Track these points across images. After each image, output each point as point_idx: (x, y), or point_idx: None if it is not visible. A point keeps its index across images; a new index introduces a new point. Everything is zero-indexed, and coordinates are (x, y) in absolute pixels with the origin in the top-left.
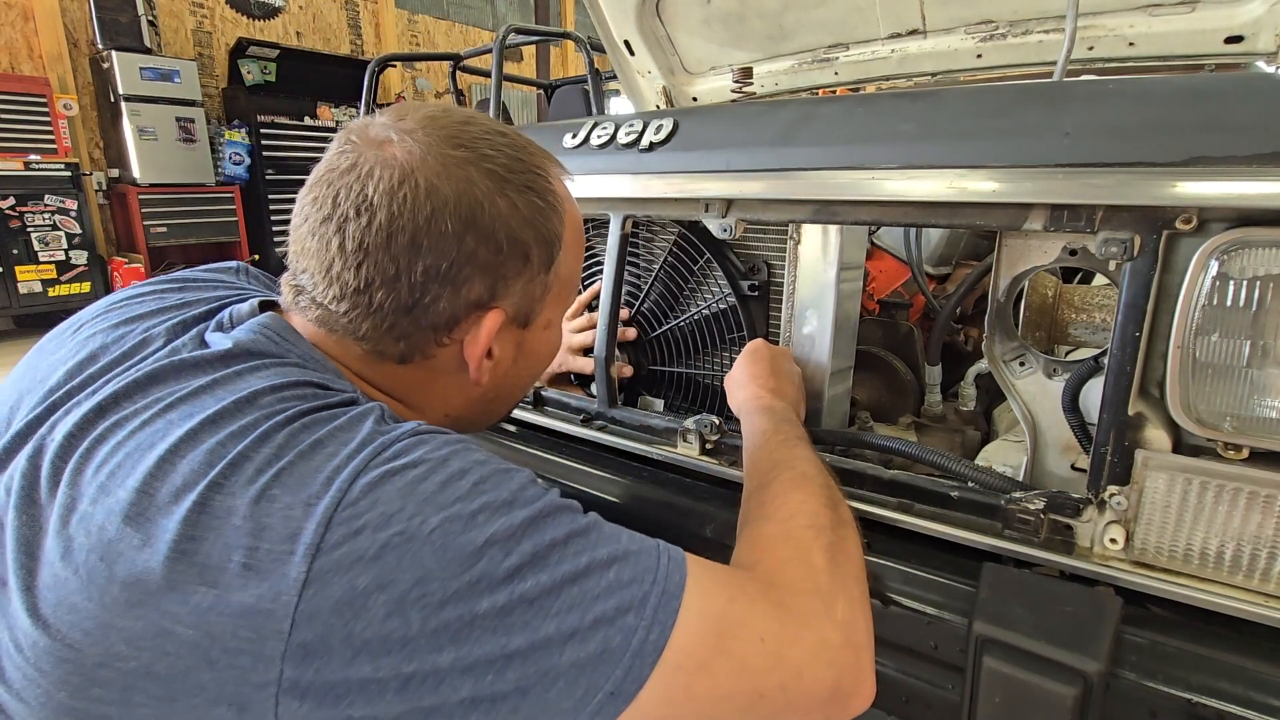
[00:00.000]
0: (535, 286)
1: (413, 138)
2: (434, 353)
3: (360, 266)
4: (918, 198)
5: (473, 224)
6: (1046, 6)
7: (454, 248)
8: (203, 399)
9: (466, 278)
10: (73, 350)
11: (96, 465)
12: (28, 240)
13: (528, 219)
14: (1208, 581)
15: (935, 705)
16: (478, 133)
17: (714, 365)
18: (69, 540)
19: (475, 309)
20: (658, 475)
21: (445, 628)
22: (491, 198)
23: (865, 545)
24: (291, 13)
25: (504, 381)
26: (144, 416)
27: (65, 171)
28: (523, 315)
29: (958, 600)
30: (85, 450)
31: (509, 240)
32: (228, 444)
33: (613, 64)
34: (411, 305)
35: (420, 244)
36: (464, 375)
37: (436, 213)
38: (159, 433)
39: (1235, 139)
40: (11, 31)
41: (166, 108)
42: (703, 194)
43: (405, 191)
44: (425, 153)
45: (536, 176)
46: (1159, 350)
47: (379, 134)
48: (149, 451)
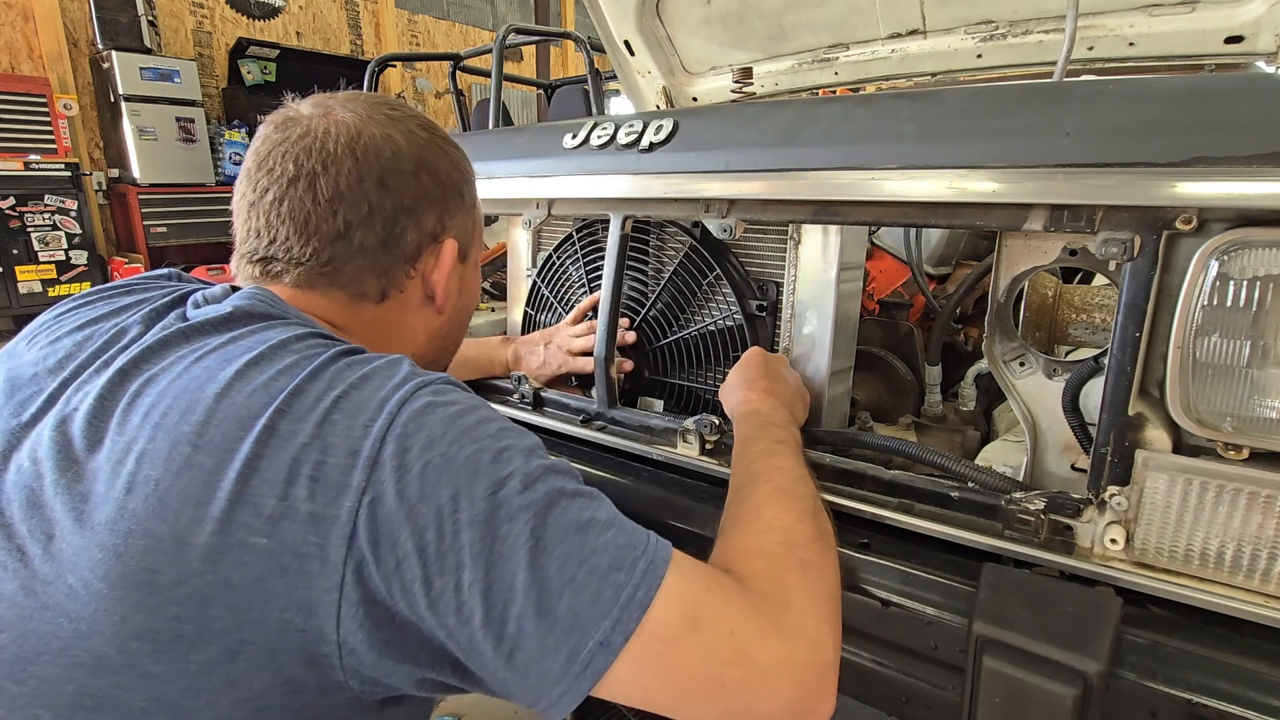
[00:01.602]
0: (469, 221)
1: (348, 107)
2: (405, 285)
3: (337, 213)
4: (918, 198)
5: (423, 163)
6: (1046, 6)
7: (412, 183)
8: (232, 349)
9: (424, 210)
10: (43, 354)
11: (145, 411)
12: (28, 240)
13: (457, 164)
14: (1208, 582)
15: (935, 705)
16: (397, 102)
17: (715, 380)
18: (131, 477)
19: (432, 239)
20: (657, 475)
21: (470, 545)
22: (434, 147)
23: (864, 545)
24: (291, 13)
25: (453, 318)
26: (180, 368)
27: (65, 171)
28: (465, 249)
29: (958, 600)
30: (126, 404)
31: (449, 179)
32: (279, 379)
33: (613, 64)
34: (386, 239)
35: (387, 183)
36: (427, 308)
37: (395, 155)
38: (204, 375)
39: (1235, 139)
40: (11, 31)
41: (166, 108)
42: (703, 194)
43: (365, 141)
44: (368, 114)
45: (449, 137)
46: (1159, 350)
47: (315, 109)
48: (201, 390)
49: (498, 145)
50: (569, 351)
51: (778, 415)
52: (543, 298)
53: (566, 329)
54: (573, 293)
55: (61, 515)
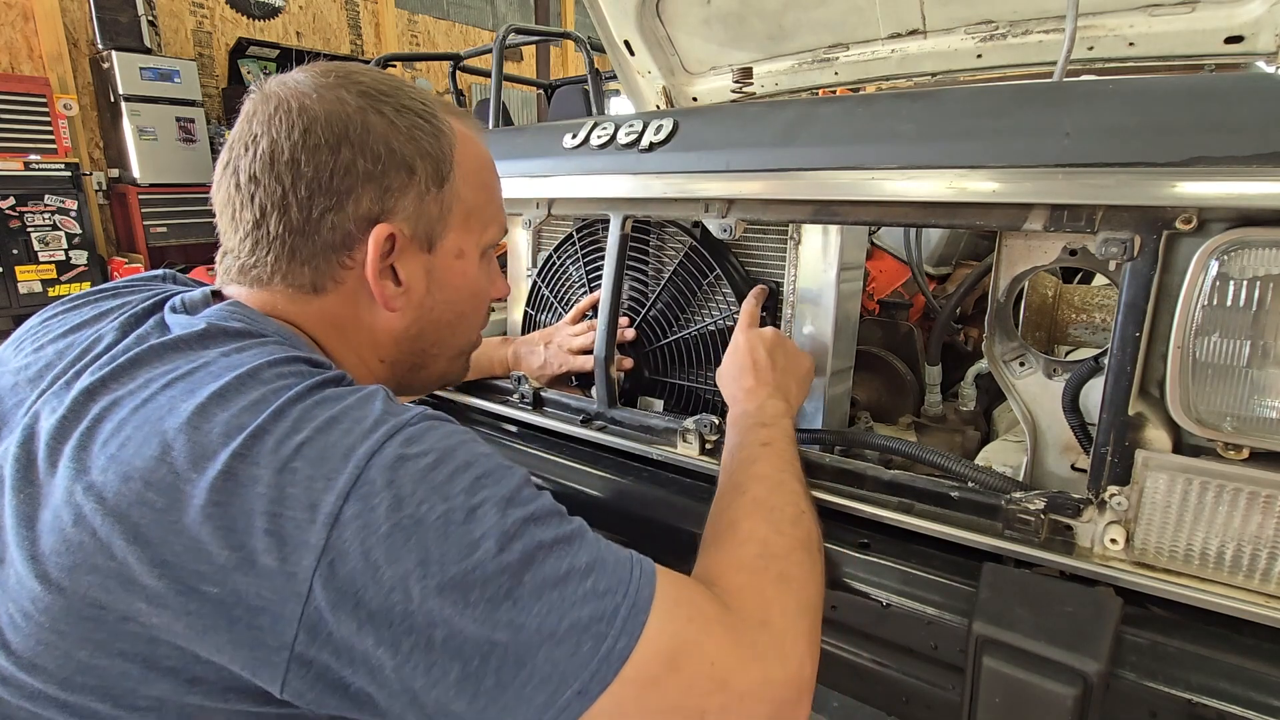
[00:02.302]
0: (430, 204)
1: (293, 77)
2: (342, 277)
3: (253, 198)
4: (918, 198)
5: (345, 136)
6: (1046, 6)
7: (330, 159)
8: (200, 375)
9: (349, 189)
10: (25, 363)
11: (103, 440)
12: (28, 240)
13: (406, 134)
14: (1208, 582)
15: (935, 705)
16: (358, 69)
17: (714, 380)
18: (78, 509)
19: (368, 225)
20: (657, 475)
21: (440, 610)
22: (364, 113)
23: (864, 545)
24: (291, 13)
25: (425, 317)
26: (144, 395)
27: (65, 171)
28: (423, 235)
29: (958, 600)
30: (86, 429)
31: (387, 152)
32: (243, 417)
33: (613, 64)
34: (304, 224)
35: (298, 160)
36: (378, 306)
37: (309, 129)
38: (165, 407)
39: (1235, 139)
40: (11, 31)
41: (166, 108)
42: (703, 194)
43: (280, 115)
44: (300, 84)
45: (415, 102)
46: (1159, 350)
47: (270, 83)
48: (160, 423)
49: (498, 145)
50: (569, 350)
51: (767, 410)
52: (543, 298)
53: (566, 328)
54: (573, 293)
55: (13, 537)
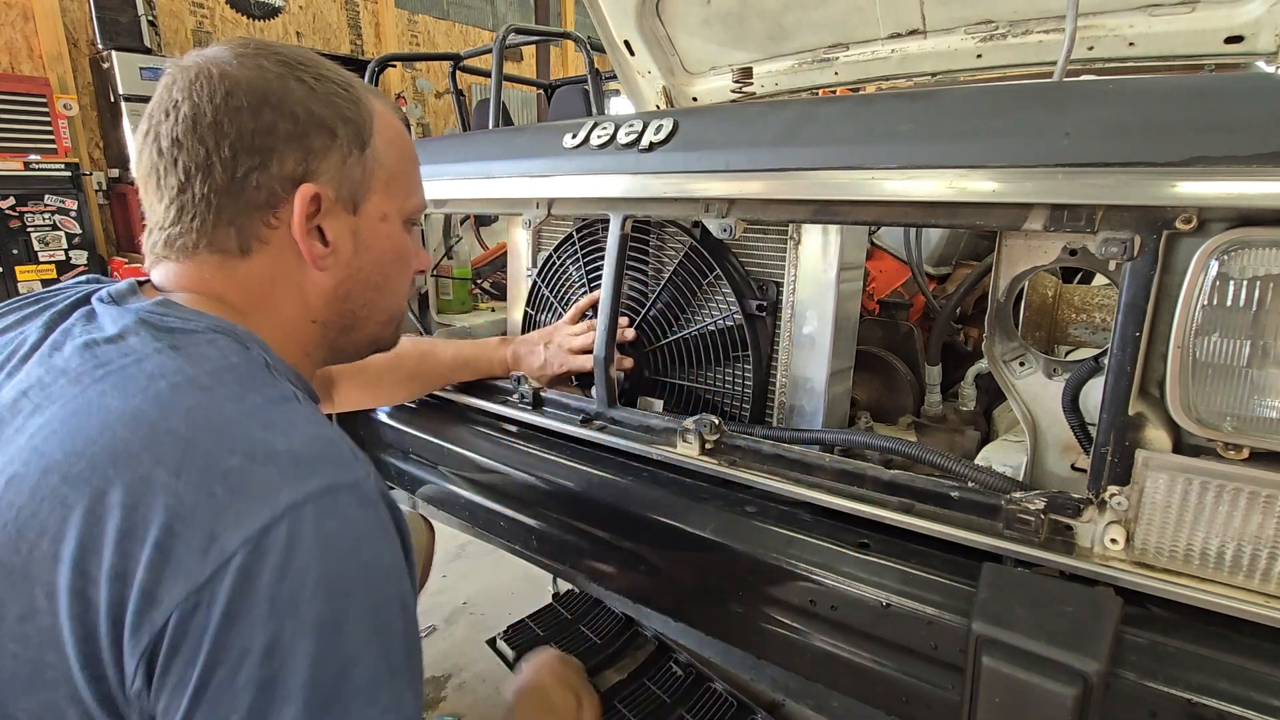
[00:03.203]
0: (353, 166)
1: (211, 49)
2: (268, 237)
3: (177, 162)
4: (918, 198)
5: (266, 99)
6: (1046, 6)
7: (251, 120)
8: (134, 372)
9: (271, 148)
10: None
11: (30, 432)
12: (28, 240)
13: (324, 99)
14: (1208, 581)
15: (935, 705)
16: (266, 42)
17: (714, 380)
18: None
19: (292, 185)
20: (657, 475)
21: (254, 691)
22: (284, 80)
23: (864, 545)
24: (291, 13)
25: (353, 277)
26: (73, 392)
27: (65, 171)
28: (348, 197)
29: (958, 600)
30: (17, 425)
31: (307, 114)
32: (172, 418)
33: (613, 64)
34: (228, 183)
35: (221, 123)
36: (305, 266)
37: (231, 92)
38: (97, 403)
39: (1235, 139)
40: (11, 31)
41: None
42: (703, 194)
43: (201, 81)
44: (219, 54)
45: (334, 74)
46: (1159, 350)
47: (185, 56)
48: (87, 419)
49: (498, 145)
50: (569, 350)
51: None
52: (543, 298)
53: (566, 328)
54: (573, 292)
55: None
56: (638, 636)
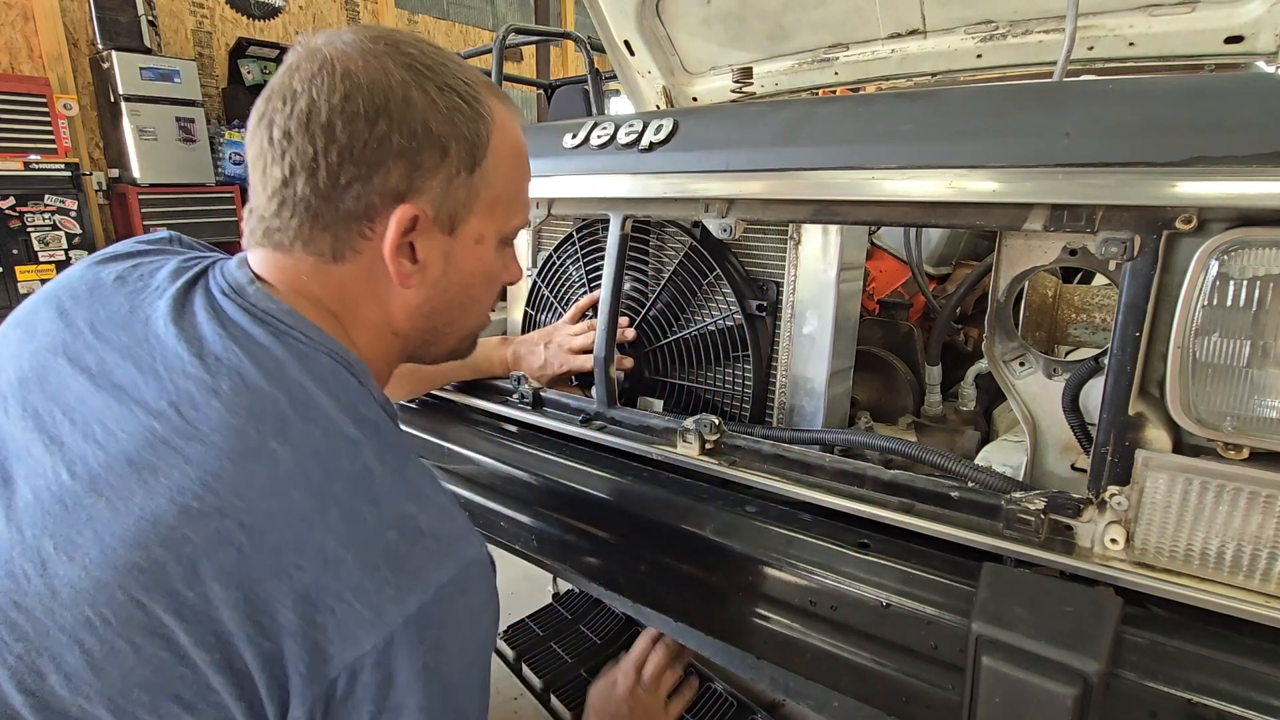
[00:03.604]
0: (458, 187)
1: (341, 37)
2: (361, 247)
3: (284, 155)
4: (918, 198)
5: (385, 109)
6: (1046, 6)
7: (365, 130)
8: (282, 424)
9: (379, 162)
10: (61, 341)
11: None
12: (28, 240)
13: (445, 114)
14: (1208, 581)
15: (935, 705)
16: (408, 39)
17: (714, 380)
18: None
19: (393, 200)
20: (657, 475)
21: None
22: (406, 88)
23: (864, 545)
24: (292, 13)
25: (439, 296)
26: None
27: (65, 171)
28: (446, 218)
29: (958, 600)
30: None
31: (424, 130)
32: (336, 486)
33: (613, 64)
34: (330, 189)
35: (334, 125)
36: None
37: (350, 95)
38: (257, 448)
39: (1235, 139)
40: (11, 31)
41: (166, 108)
42: (703, 194)
43: (323, 76)
44: (348, 46)
45: (460, 82)
46: (1159, 350)
47: (316, 37)
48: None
49: None
50: (569, 350)
51: None
52: (543, 298)
53: (566, 328)
54: (573, 292)
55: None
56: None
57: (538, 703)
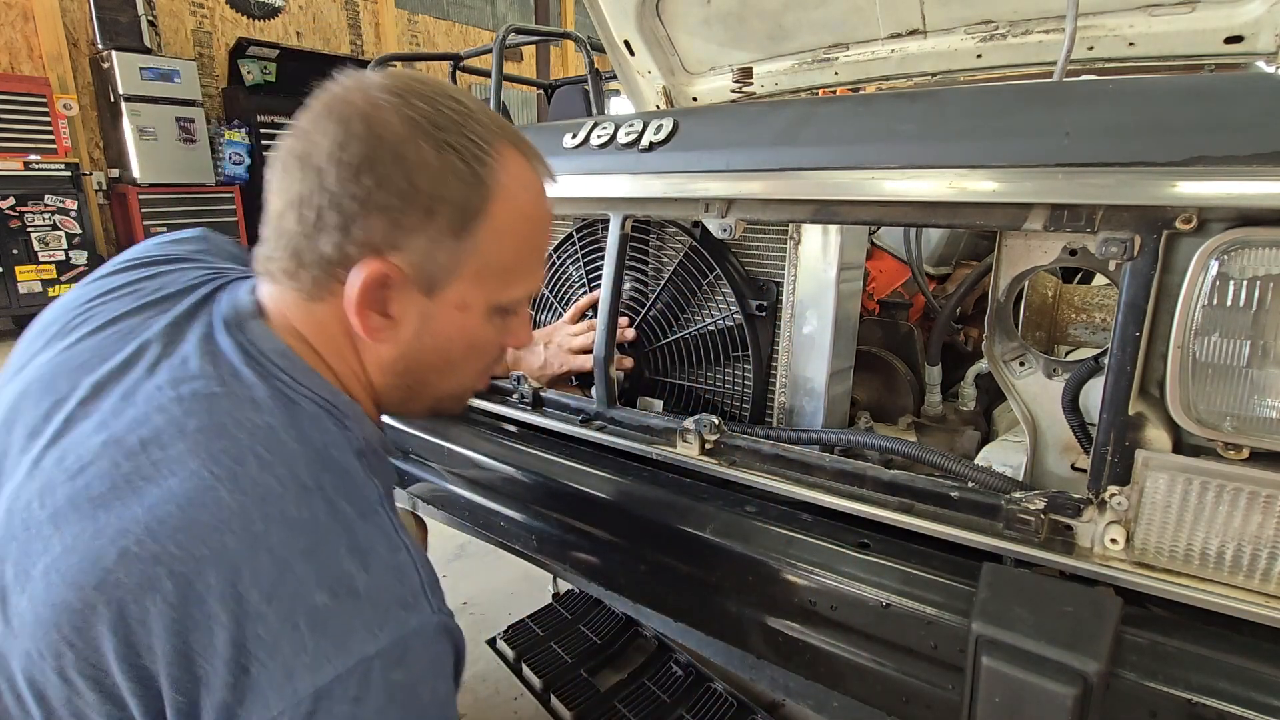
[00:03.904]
0: (441, 250)
1: (361, 82)
2: (336, 291)
3: (286, 187)
4: (918, 198)
5: (374, 161)
6: (1046, 6)
7: (351, 180)
8: (252, 469)
9: (359, 215)
10: (65, 358)
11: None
12: (28, 240)
13: (436, 173)
14: (1208, 581)
15: (935, 705)
16: (429, 90)
17: (714, 380)
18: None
19: (369, 252)
20: (657, 475)
21: None
22: (401, 143)
23: (864, 545)
24: (291, 13)
25: (412, 356)
26: (189, 467)
27: (65, 171)
28: (426, 279)
29: (957, 600)
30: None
31: (410, 189)
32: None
33: (613, 64)
34: (312, 230)
35: (324, 169)
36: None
37: (344, 143)
38: (210, 497)
39: (1235, 139)
40: (11, 31)
41: (166, 108)
42: (703, 194)
43: (325, 121)
44: (360, 92)
45: (467, 141)
46: (1159, 350)
47: (341, 80)
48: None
49: None
50: (569, 350)
51: None
52: (543, 298)
53: (566, 328)
54: (573, 292)
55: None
56: (638, 636)
57: (538, 703)
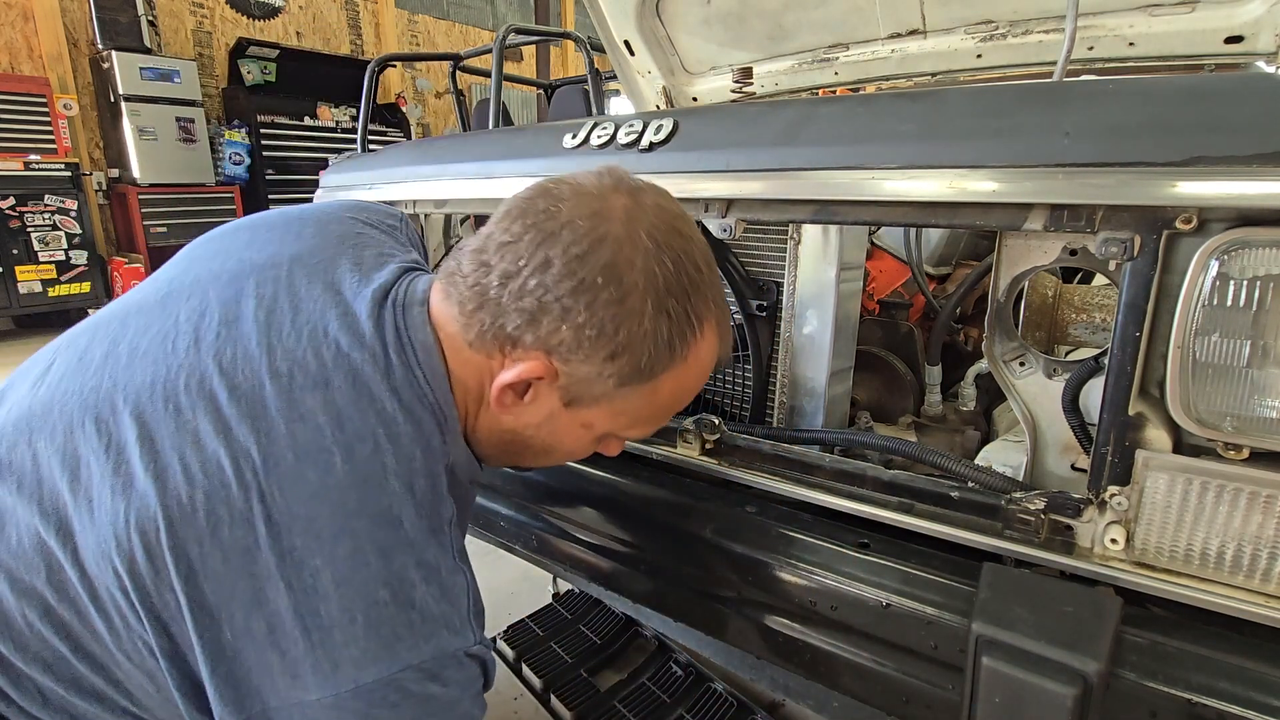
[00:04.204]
0: (598, 384)
1: (631, 196)
2: (495, 356)
3: (505, 245)
4: (918, 198)
5: (596, 292)
6: (1046, 6)
7: (569, 292)
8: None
9: (557, 320)
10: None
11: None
12: (28, 240)
13: (641, 333)
14: (1208, 582)
15: (935, 705)
16: (677, 242)
17: (714, 380)
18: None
19: (541, 348)
20: (657, 475)
21: None
22: (630, 292)
23: (864, 545)
24: (291, 13)
25: (523, 436)
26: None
27: (65, 171)
28: (572, 395)
29: (958, 600)
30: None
31: (611, 330)
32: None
33: (613, 64)
34: (509, 298)
35: (551, 260)
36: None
37: (584, 258)
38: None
39: (1235, 139)
40: (11, 31)
41: (166, 108)
42: (703, 194)
43: (582, 219)
44: (620, 212)
45: (684, 313)
46: (1159, 350)
47: (616, 180)
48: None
49: (498, 145)
50: None
51: None
52: None
53: None
54: None
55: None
56: (638, 636)
57: (538, 703)
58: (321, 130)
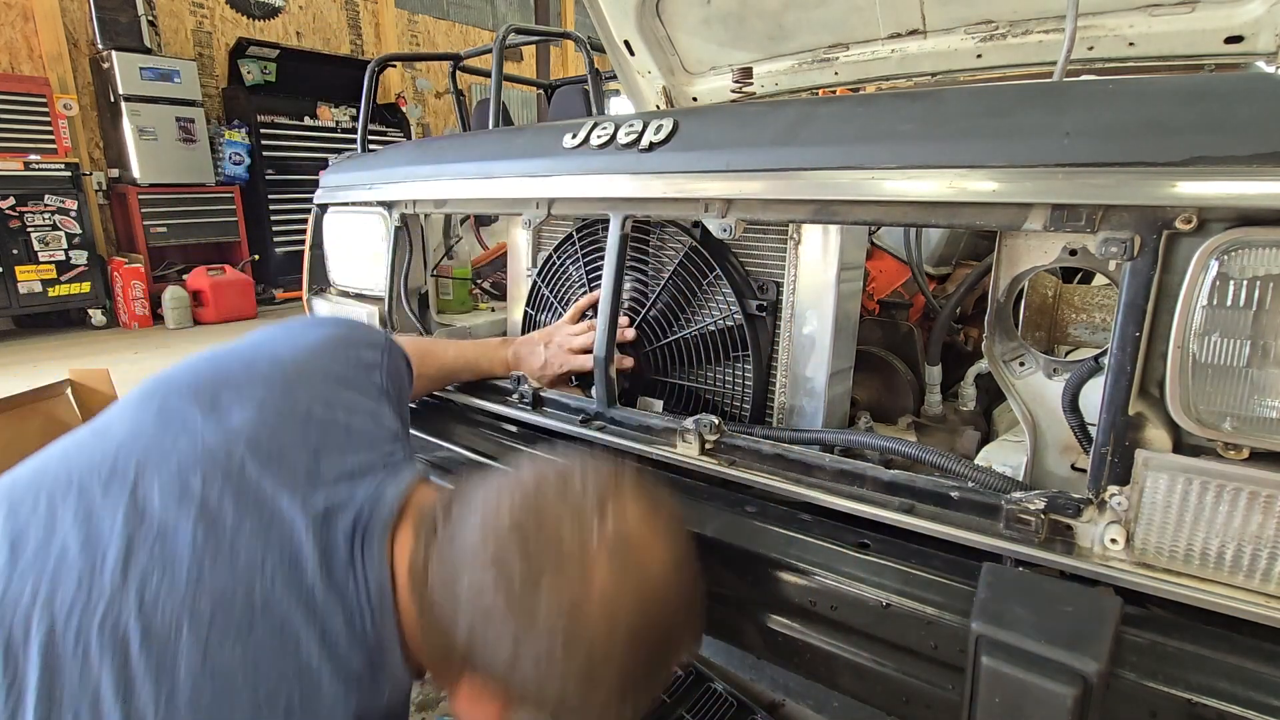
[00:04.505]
0: (509, 688)
1: (650, 554)
2: (451, 661)
3: (487, 538)
4: (918, 198)
5: (570, 650)
6: (1046, 6)
7: (526, 644)
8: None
9: (509, 660)
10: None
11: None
12: (28, 240)
13: (591, 707)
14: (1208, 581)
15: (935, 705)
16: (657, 613)
17: (714, 380)
18: None
19: (466, 666)
20: (657, 475)
21: None
22: (593, 674)
23: (864, 545)
24: (291, 13)
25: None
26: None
27: (65, 171)
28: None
29: (957, 600)
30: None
31: (558, 686)
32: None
33: (613, 64)
34: (462, 602)
35: (519, 587)
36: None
37: (561, 631)
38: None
39: (1235, 139)
40: (11, 31)
41: (166, 108)
42: (703, 194)
43: (565, 587)
44: (606, 591)
45: (644, 691)
46: (1159, 350)
47: (610, 527)
48: None
49: (498, 145)
50: (569, 350)
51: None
52: (543, 298)
53: (566, 328)
54: (573, 293)
55: None
56: None
57: None
58: (321, 130)
